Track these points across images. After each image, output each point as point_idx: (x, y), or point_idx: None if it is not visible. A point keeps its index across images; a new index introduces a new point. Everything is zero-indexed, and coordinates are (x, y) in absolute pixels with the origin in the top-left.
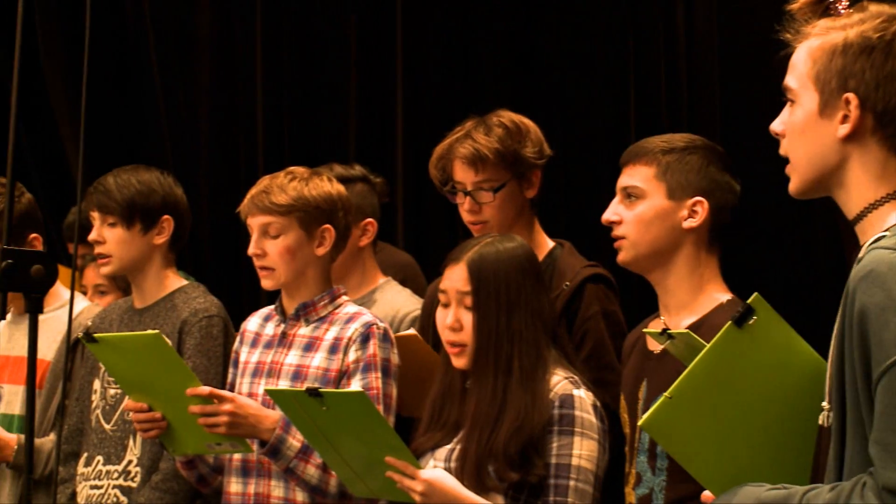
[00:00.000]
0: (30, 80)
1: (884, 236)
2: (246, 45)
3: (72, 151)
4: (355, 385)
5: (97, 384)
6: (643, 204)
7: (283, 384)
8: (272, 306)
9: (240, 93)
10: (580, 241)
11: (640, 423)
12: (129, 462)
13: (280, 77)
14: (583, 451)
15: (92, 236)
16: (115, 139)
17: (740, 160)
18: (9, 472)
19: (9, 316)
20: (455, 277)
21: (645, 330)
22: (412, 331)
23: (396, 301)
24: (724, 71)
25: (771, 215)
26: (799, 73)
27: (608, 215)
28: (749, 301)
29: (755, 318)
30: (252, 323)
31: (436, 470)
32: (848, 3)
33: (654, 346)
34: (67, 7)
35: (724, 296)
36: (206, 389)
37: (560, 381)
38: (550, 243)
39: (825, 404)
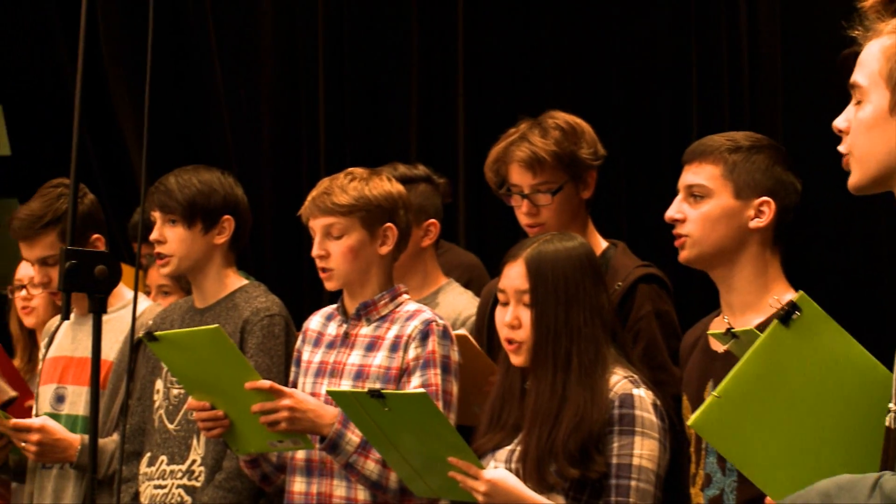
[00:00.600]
0: (93, 81)
1: None
2: (308, 47)
3: (135, 152)
4: (415, 382)
5: (159, 384)
6: (709, 203)
7: (346, 384)
8: (334, 305)
9: (301, 94)
10: (638, 241)
11: (688, 422)
12: (193, 461)
13: (341, 78)
14: (643, 450)
15: (153, 236)
16: (178, 140)
17: (802, 158)
18: (72, 473)
19: (71, 317)
20: (513, 275)
21: (709, 332)
22: (463, 331)
23: (458, 303)
24: (787, 68)
25: (832, 214)
26: (870, 71)
27: (671, 213)
28: (794, 299)
29: (800, 314)
30: (314, 322)
31: (499, 469)
32: None
33: (719, 345)
34: (130, 9)
35: (790, 295)
36: (266, 383)
37: (620, 381)
38: (604, 244)
39: (892, 405)
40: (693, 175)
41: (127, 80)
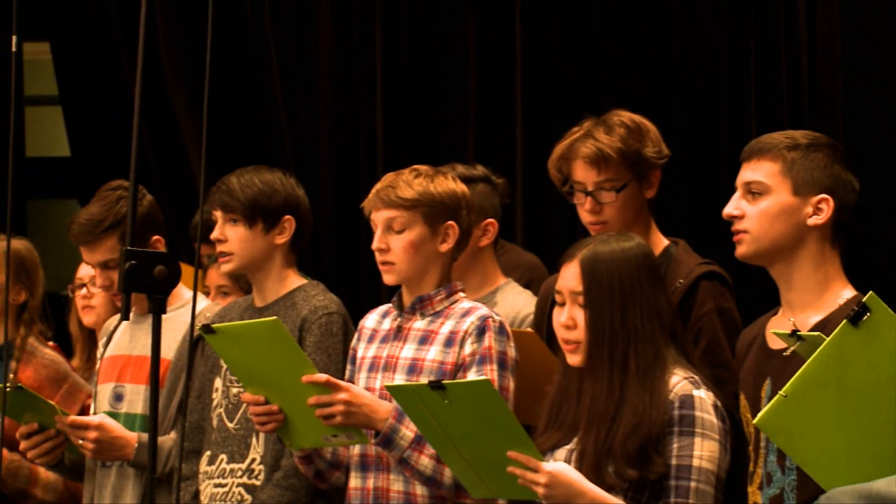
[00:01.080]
0: (152, 83)
1: None
2: (365, 47)
3: (193, 153)
4: (470, 377)
5: (218, 382)
6: (768, 199)
7: (399, 378)
8: (390, 304)
9: (359, 94)
10: (697, 240)
11: (755, 421)
12: (253, 460)
13: (399, 78)
14: (703, 451)
15: (214, 235)
16: (236, 141)
17: (860, 157)
18: (131, 471)
19: (130, 316)
20: (569, 276)
21: (774, 331)
22: (530, 329)
23: (517, 302)
24: (846, 67)
25: (890, 213)
26: None
27: (730, 210)
28: (864, 300)
29: (870, 315)
30: (370, 320)
31: (559, 463)
32: None
33: (777, 343)
34: (189, 11)
35: (849, 292)
36: (322, 377)
37: (680, 382)
38: (665, 242)
39: None
40: (751, 172)
41: (186, 81)
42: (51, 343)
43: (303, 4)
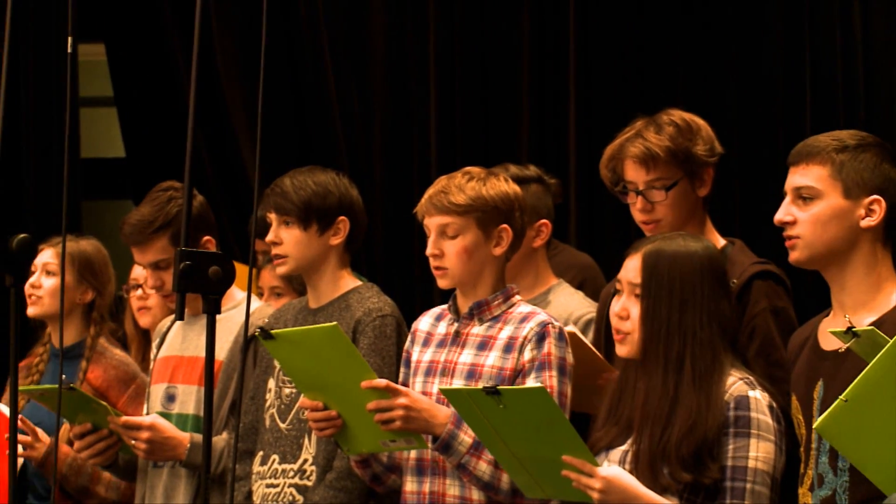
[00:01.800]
0: (207, 83)
1: None
2: (418, 47)
3: (248, 154)
4: (530, 384)
5: (272, 383)
6: (819, 204)
7: (458, 383)
8: (444, 305)
9: (412, 94)
10: (751, 241)
11: (815, 426)
12: (305, 461)
13: (452, 79)
14: (759, 453)
15: (269, 237)
16: (290, 141)
17: None
18: (183, 471)
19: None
20: (630, 267)
21: (830, 329)
22: (572, 327)
23: (570, 303)
24: None
25: None
26: None
27: (781, 216)
28: None
29: None
30: (424, 322)
31: (614, 467)
32: None
33: (829, 344)
34: (244, 12)
35: None
36: (382, 382)
37: (735, 382)
38: (722, 241)
39: None
40: (801, 177)
41: (240, 81)
42: None
43: (356, 5)
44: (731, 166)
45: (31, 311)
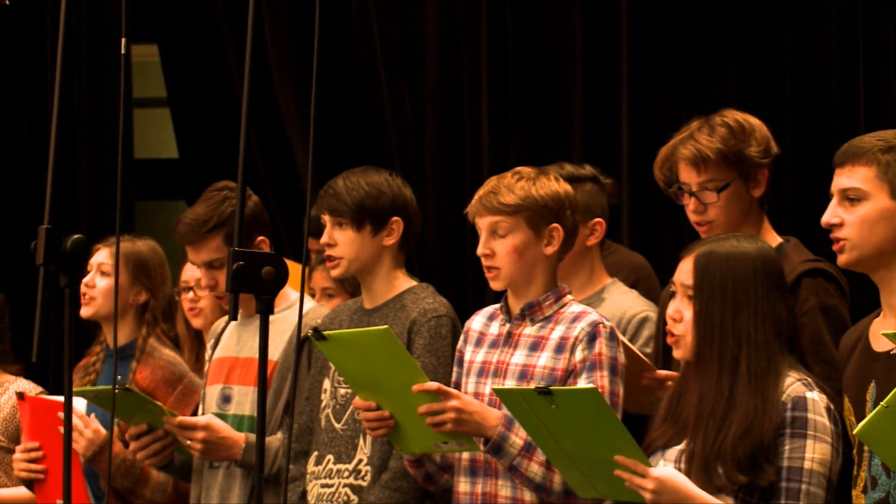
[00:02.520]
0: (260, 84)
1: None
2: (471, 47)
3: (300, 154)
4: (581, 384)
5: (327, 384)
6: (866, 205)
7: (510, 384)
8: (496, 305)
9: (465, 94)
10: (809, 239)
11: (854, 431)
12: (360, 461)
13: (505, 78)
14: (815, 454)
15: (323, 239)
16: (343, 142)
17: None
18: (238, 472)
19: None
20: (682, 270)
21: (883, 332)
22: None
23: (624, 302)
24: None
25: None
26: None
27: (827, 218)
28: None
29: None
30: (476, 322)
31: (667, 468)
32: None
33: (880, 345)
34: (296, 13)
35: None
36: (433, 385)
37: (793, 384)
38: (778, 240)
39: None
40: (847, 178)
41: (293, 82)
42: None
43: (409, 6)
44: (786, 166)
45: (84, 311)
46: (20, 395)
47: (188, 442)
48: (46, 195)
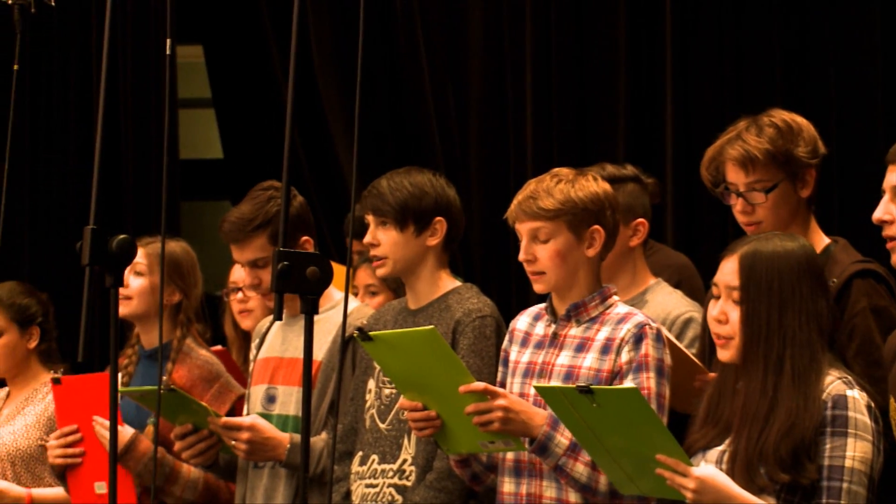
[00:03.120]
0: (304, 85)
1: None
2: (515, 48)
3: (344, 155)
4: (623, 385)
5: (371, 384)
6: None
7: (555, 385)
8: (541, 305)
9: (508, 94)
10: (857, 239)
11: None
12: (405, 461)
13: (549, 78)
14: (856, 452)
15: (367, 239)
16: (386, 143)
17: None
18: (283, 472)
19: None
20: (726, 271)
21: None
22: (664, 332)
23: (668, 302)
24: None
25: None
26: None
27: (879, 214)
28: None
29: None
30: (521, 322)
31: (708, 467)
32: None
33: None
34: (340, 14)
35: None
36: (480, 385)
37: (833, 382)
38: (826, 241)
39: None
40: None
41: (337, 82)
42: (217, 347)
43: (453, 6)
44: (833, 165)
45: (121, 310)
46: (55, 381)
47: (233, 442)
48: (92, 196)
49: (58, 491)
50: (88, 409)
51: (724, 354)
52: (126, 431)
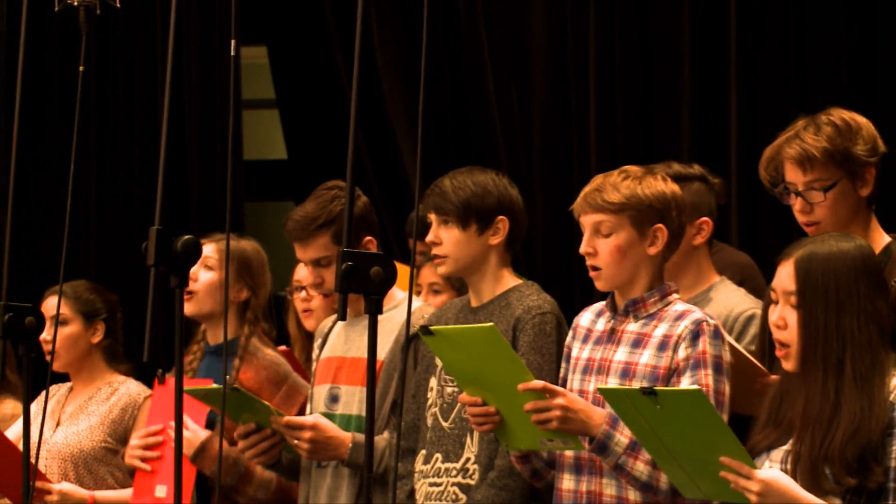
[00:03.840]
0: (368, 86)
1: None
2: (579, 46)
3: (408, 155)
4: (685, 382)
5: (433, 382)
6: None
7: (612, 381)
8: (605, 301)
9: (572, 94)
10: None
11: None
12: (468, 459)
13: (612, 77)
14: None
15: (429, 238)
16: (449, 142)
17: None
18: (346, 471)
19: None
20: (783, 275)
21: None
22: (727, 336)
23: (731, 300)
24: None
25: None
26: None
27: None
28: None
29: None
30: (584, 318)
31: (772, 470)
32: None
33: None
34: (404, 16)
35: None
36: (539, 383)
37: None
38: (887, 239)
39: None
40: None
41: (401, 82)
42: (282, 347)
43: (516, 8)
44: (892, 164)
45: (187, 308)
46: (160, 379)
47: (295, 441)
48: (157, 196)
49: (121, 493)
50: (170, 414)
51: (787, 364)
52: (201, 433)
